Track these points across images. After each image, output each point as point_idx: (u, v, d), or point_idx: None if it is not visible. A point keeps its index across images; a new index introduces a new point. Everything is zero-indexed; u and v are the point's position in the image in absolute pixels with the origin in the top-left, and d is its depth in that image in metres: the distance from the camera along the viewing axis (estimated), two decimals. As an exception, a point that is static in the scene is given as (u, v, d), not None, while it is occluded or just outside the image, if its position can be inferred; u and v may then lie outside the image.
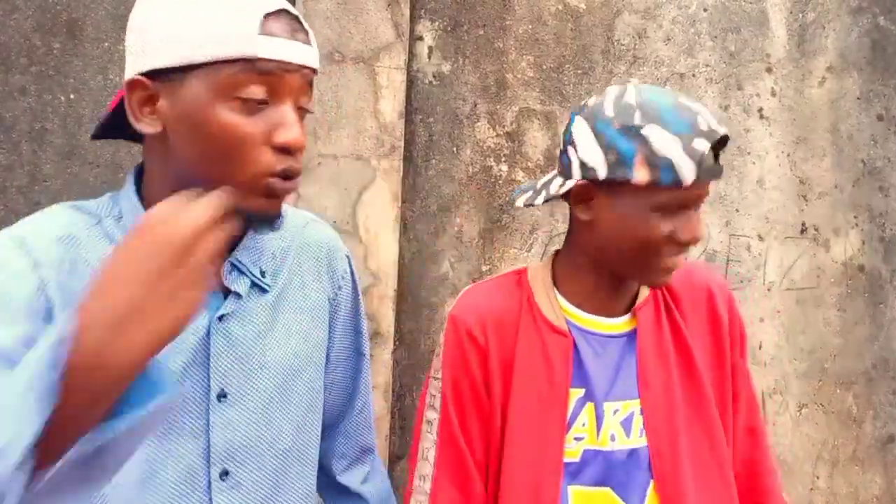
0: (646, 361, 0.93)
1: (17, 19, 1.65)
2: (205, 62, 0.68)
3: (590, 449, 0.91)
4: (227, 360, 0.80)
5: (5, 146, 1.64)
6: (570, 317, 0.95)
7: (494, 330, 0.95)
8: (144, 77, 0.70)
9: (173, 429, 0.76)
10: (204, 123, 0.69)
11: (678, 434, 0.91)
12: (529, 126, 1.91)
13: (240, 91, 0.69)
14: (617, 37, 1.95)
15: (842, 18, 2.08)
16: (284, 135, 0.71)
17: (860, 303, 2.08)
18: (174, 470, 0.76)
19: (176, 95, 0.70)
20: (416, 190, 1.85)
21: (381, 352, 1.74)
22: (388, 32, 1.76)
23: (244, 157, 0.70)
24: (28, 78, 1.66)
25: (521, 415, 0.92)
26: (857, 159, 2.08)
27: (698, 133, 0.83)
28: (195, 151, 0.70)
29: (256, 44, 0.69)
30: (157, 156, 0.74)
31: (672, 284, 0.98)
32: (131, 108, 0.71)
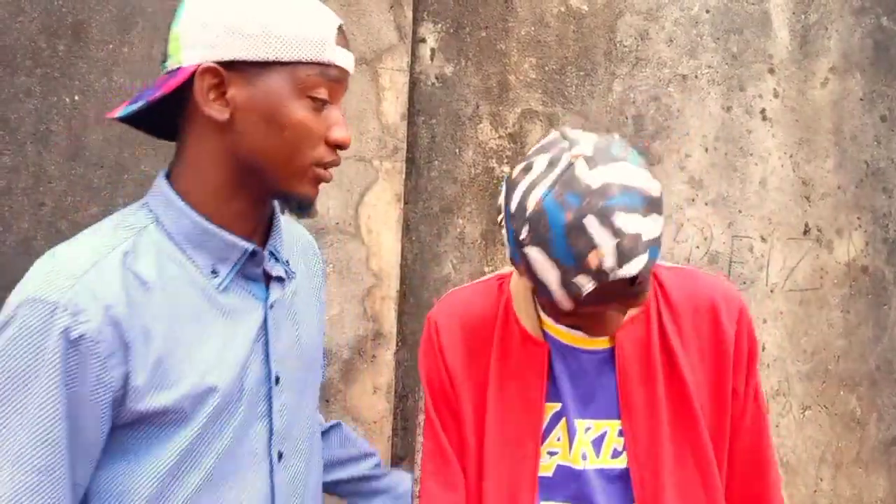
0: (628, 382, 0.89)
1: (22, 21, 1.67)
2: (289, 61, 0.76)
3: (563, 465, 0.89)
4: (279, 346, 0.85)
5: (10, 147, 1.65)
6: (548, 329, 0.92)
7: (467, 337, 0.93)
8: (218, 66, 0.75)
9: (243, 418, 0.80)
10: (279, 115, 0.76)
11: (662, 460, 0.87)
12: (532, 127, 1.91)
13: (312, 91, 0.77)
14: (619, 38, 1.95)
15: (844, 19, 2.08)
16: (340, 133, 0.80)
17: (863, 304, 2.08)
18: (245, 457, 0.80)
19: (252, 86, 0.76)
20: (419, 191, 1.86)
21: (383, 353, 1.74)
22: (391, 34, 1.76)
23: (306, 148, 0.78)
24: (33, 80, 1.67)
25: (497, 426, 0.90)
26: (861, 160, 2.08)
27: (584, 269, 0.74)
28: (265, 139, 0.77)
29: (333, 52, 0.78)
30: (211, 143, 0.78)
31: (672, 297, 0.92)
32: (202, 94, 0.76)
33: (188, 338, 0.76)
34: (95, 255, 0.74)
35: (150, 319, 0.74)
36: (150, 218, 0.80)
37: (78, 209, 1.66)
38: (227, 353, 0.79)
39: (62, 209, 1.66)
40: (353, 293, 1.73)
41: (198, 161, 0.79)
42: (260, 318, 0.83)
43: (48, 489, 0.69)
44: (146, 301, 0.75)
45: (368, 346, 1.74)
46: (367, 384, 1.74)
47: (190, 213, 0.79)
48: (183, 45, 0.77)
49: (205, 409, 0.76)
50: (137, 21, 1.71)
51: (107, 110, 1.70)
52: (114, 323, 0.72)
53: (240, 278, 0.82)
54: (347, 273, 1.72)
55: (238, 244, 0.81)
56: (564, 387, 0.90)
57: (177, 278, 0.78)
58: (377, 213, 1.74)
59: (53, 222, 1.65)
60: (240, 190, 0.80)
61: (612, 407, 0.89)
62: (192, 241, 0.79)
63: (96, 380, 0.71)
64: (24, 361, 0.69)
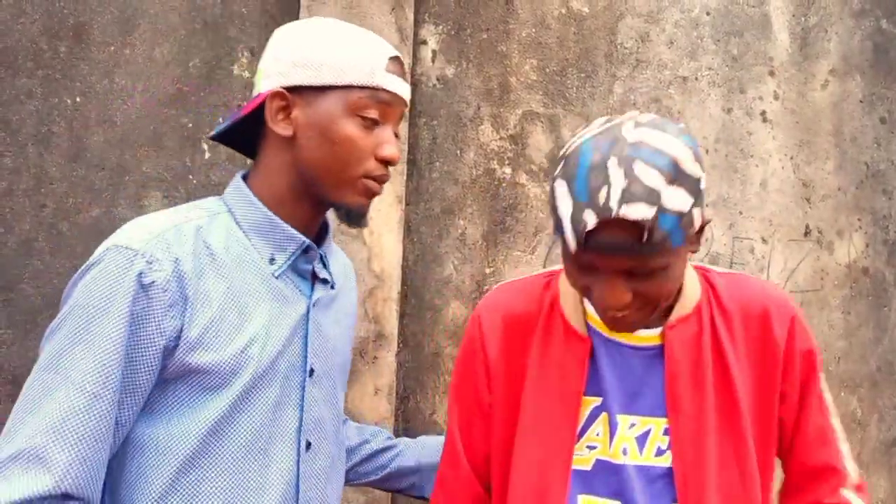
0: (676, 382, 0.88)
1: (23, 23, 1.67)
2: (342, 85, 0.89)
3: (602, 459, 0.89)
4: (317, 341, 0.94)
5: (12, 149, 1.65)
6: (593, 323, 0.92)
7: (508, 330, 0.95)
8: (285, 90, 0.90)
9: (278, 400, 0.88)
10: (333, 132, 0.89)
11: (706, 461, 0.87)
12: (533, 129, 1.91)
13: (363, 111, 0.90)
14: (620, 40, 1.96)
15: (844, 22, 2.09)
16: (389, 150, 0.91)
17: (864, 305, 2.08)
18: (275, 438, 0.88)
19: (311, 108, 0.90)
20: (420, 192, 1.86)
21: (384, 354, 1.74)
22: (392, 37, 1.77)
23: (357, 161, 0.90)
24: (34, 81, 1.67)
25: (532, 416, 0.91)
26: (861, 162, 2.09)
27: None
28: (321, 153, 0.90)
29: (382, 78, 0.91)
30: (279, 156, 0.92)
31: (724, 299, 0.92)
32: (271, 114, 0.90)
33: (240, 309, 0.86)
34: (175, 220, 0.87)
35: (212, 285, 0.85)
36: (223, 207, 0.93)
37: (79, 210, 1.66)
38: (271, 332, 0.88)
39: (63, 210, 1.66)
40: (354, 295, 1.73)
41: (269, 170, 0.93)
42: (303, 311, 0.93)
43: (95, 415, 0.77)
44: (211, 268, 0.86)
45: (370, 348, 1.74)
46: (368, 385, 1.74)
47: (260, 207, 0.92)
48: (263, 76, 0.92)
49: (243, 378, 0.84)
50: (139, 23, 1.71)
51: (108, 112, 1.70)
52: (179, 277, 0.82)
53: (291, 272, 0.93)
54: (349, 274, 1.73)
55: (296, 237, 0.92)
56: (608, 381, 0.89)
57: (240, 257, 0.89)
58: (379, 214, 1.74)
59: (55, 224, 1.65)
60: (301, 197, 0.93)
61: (658, 405, 0.89)
62: (257, 230, 0.91)
63: (156, 325, 0.81)
64: (99, 298, 0.79)
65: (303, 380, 0.91)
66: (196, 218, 0.89)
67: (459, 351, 1.00)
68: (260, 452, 0.86)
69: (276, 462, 0.87)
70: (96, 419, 0.77)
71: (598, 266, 0.80)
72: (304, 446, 0.90)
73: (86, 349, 0.78)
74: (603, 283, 0.80)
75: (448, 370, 1.86)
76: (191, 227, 0.87)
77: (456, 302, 1.86)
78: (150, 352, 0.81)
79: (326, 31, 0.90)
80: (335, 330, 0.99)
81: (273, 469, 0.86)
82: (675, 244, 0.78)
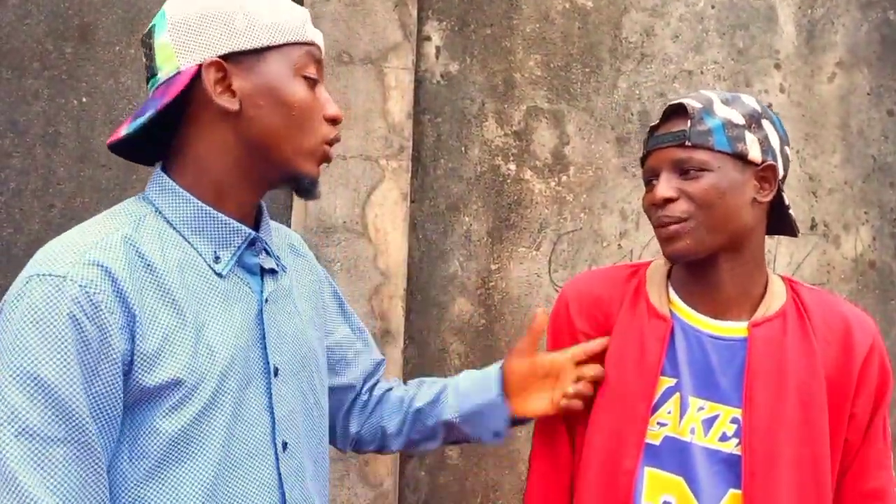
0: (756, 376, 0.91)
1: (29, 24, 1.68)
2: (280, 44, 0.81)
3: (670, 436, 0.94)
4: (276, 339, 0.87)
5: (20, 150, 1.67)
6: (676, 310, 0.97)
7: (588, 308, 1.02)
8: (221, 60, 0.80)
9: (245, 406, 0.82)
10: (285, 96, 0.81)
11: (779, 457, 0.89)
12: (537, 125, 1.91)
13: (305, 70, 0.83)
14: (624, 34, 1.95)
15: (851, 13, 2.07)
16: (334, 109, 0.85)
17: (871, 299, 2.07)
18: (247, 446, 0.81)
19: (254, 74, 0.81)
20: (425, 189, 1.86)
21: (391, 350, 1.75)
22: (396, 33, 1.77)
23: (314, 126, 0.83)
24: (41, 82, 1.68)
25: (611, 389, 0.96)
26: (868, 155, 2.08)
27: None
28: (276, 121, 0.81)
29: (313, 31, 0.85)
30: (216, 136, 0.81)
31: (809, 309, 0.96)
32: (210, 87, 0.79)
33: (191, 319, 0.78)
34: (97, 235, 0.76)
35: (156, 299, 0.76)
36: (149, 208, 0.82)
37: (87, 210, 1.67)
38: (226, 340, 0.80)
39: (71, 210, 1.68)
40: (360, 292, 1.73)
41: (203, 153, 0.82)
42: (255, 310, 0.85)
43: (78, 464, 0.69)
44: (151, 281, 0.76)
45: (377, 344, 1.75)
46: (375, 382, 1.75)
47: (192, 200, 0.81)
48: (177, 52, 0.80)
49: (203, 392, 0.77)
50: (144, 22, 1.71)
51: (114, 111, 1.71)
52: (121, 296, 0.73)
53: (237, 268, 0.85)
54: (355, 272, 1.73)
55: (241, 229, 0.84)
56: (683, 364, 0.94)
57: (180, 263, 0.80)
58: (384, 211, 1.75)
59: (63, 223, 1.66)
60: (241, 181, 0.83)
61: (731, 394, 0.93)
62: (193, 228, 0.81)
63: (109, 350, 0.72)
64: (35, 340, 0.69)
65: (268, 381, 0.84)
66: (120, 226, 0.78)
67: (548, 328, 1.07)
68: (235, 463, 0.80)
69: (255, 469, 0.81)
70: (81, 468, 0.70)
71: (657, 165, 0.94)
72: (281, 447, 0.84)
73: (44, 394, 0.68)
74: (657, 183, 0.93)
75: (454, 366, 1.87)
76: (117, 238, 0.76)
77: (461, 298, 1.87)
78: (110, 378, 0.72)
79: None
80: (295, 320, 0.91)
81: (253, 476, 0.81)
82: (719, 145, 0.92)
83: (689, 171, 0.92)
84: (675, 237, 0.92)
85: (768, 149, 0.94)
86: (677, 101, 0.95)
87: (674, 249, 0.92)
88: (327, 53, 1.75)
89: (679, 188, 0.92)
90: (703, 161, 0.91)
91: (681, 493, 0.92)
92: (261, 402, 0.83)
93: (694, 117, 0.92)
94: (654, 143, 0.96)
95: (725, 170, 0.92)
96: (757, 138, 0.93)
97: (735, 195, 0.92)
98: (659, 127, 0.97)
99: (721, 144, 0.92)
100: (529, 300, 1.87)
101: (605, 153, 1.93)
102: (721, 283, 0.95)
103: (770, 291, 0.97)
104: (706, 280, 0.96)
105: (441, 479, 1.85)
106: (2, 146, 1.66)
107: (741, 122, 0.93)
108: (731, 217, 0.92)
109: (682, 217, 0.91)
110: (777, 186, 0.95)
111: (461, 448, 1.86)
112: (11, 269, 1.61)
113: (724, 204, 0.91)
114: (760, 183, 0.94)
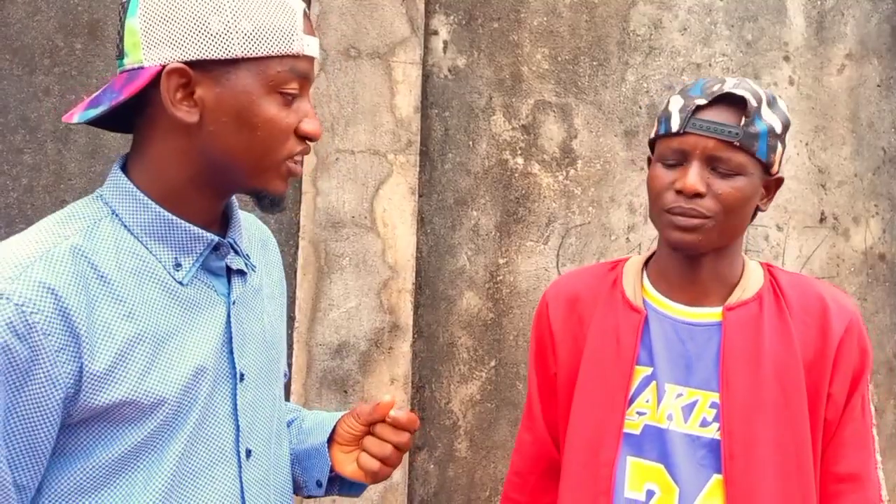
0: (732, 359, 0.92)
1: (39, 21, 1.69)
2: (258, 56, 0.73)
3: (650, 424, 0.94)
4: (243, 342, 0.82)
5: (31, 146, 1.68)
6: (649, 299, 0.98)
7: (565, 309, 1.03)
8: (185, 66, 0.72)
9: (210, 413, 0.78)
10: (251, 114, 0.74)
11: (758, 439, 0.90)
12: (545, 118, 1.91)
13: (284, 86, 0.75)
14: (632, 27, 1.94)
15: (861, 5, 2.05)
16: (311, 125, 0.78)
17: (881, 292, 2.07)
18: (209, 453, 0.78)
19: (220, 86, 0.73)
20: (433, 184, 1.87)
21: (399, 344, 1.76)
22: (404, 27, 1.77)
23: (280, 144, 0.76)
24: (51, 78, 1.69)
25: (589, 382, 0.97)
26: (878, 147, 2.06)
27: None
28: (237, 139, 0.75)
29: (302, 42, 0.75)
30: (175, 143, 0.75)
31: (785, 291, 0.95)
32: (169, 96, 0.72)
33: (151, 333, 0.74)
34: (42, 246, 0.70)
35: (110, 313, 0.71)
36: (104, 211, 0.76)
37: (98, 206, 1.69)
38: (189, 350, 0.76)
39: (82, 206, 1.69)
40: (369, 286, 1.74)
41: (160, 159, 0.77)
42: (223, 314, 0.80)
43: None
44: (104, 294, 0.72)
45: (385, 338, 1.76)
46: (384, 375, 1.76)
47: (151, 205, 0.76)
48: (143, 43, 0.73)
49: (164, 406, 0.73)
50: (152, 18, 1.72)
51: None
52: (64, 315, 0.68)
53: (202, 273, 0.80)
54: (364, 266, 1.74)
55: (203, 235, 0.78)
56: (658, 352, 0.95)
57: (137, 272, 0.75)
58: (392, 206, 1.75)
59: (74, 219, 1.68)
60: (205, 187, 0.78)
61: (708, 379, 0.93)
62: (152, 234, 0.76)
63: (45, 376, 0.67)
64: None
65: (233, 387, 0.80)
66: (70, 234, 0.72)
67: (532, 327, 1.10)
68: (195, 471, 0.76)
69: (216, 478, 0.78)
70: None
71: (691, 149, 0.89)
72: (245, 454, 0.81)
73: None
74: (687, 169, 0.89)
75: (462, 359, 1.88)
76: (64, 249, 0.71)
77: (469, 292, 1.87)
78: (43, 406, 0.67)
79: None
80: (262, 323, 0.86)
81: (214, 485, 0.78)
82: (760, 153, 0.89)
83: (720, 169, 0.89)
84: (690, 230, 0.90)
85: (782, 160, 0.94)
86: (736, 91, 0.89)
87: (682, 240, 0.90)
88: (335, 48, 1.76)
89: (710, 183, 0.89)
90: (742, 165, 0.88)
91: (662, 480, 0.92)
92: (226, 408, 0.79)
93: (750, 116, 0.88)
94: (698, 126, 0.89)
95: (754, 177, 0.90)
96: (783, 149, 0.93)
97: (752, 202, 0.92)
98: (705, 109, 0.89)
99: (761, 152, 0.89)
100: (537, 294, 1.88)
101: (613, 146, 1.93)
102: (701, 274, 0.95)
103: (746, 276, 0.97)
104: (689, 271, 0.96)
105: (450, 472, 1.86)
106: (14, 142, 1.68)
107: (779, 131, 0.91)
108: (742, 222, 0.93)
109: (705, 214, 0.89)
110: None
111: (470, 441, 1.87)
112: (24, 265, 1.63)
113: (743, 210, 0.91)
114: (766, 191, 0.94)
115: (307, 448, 0.95)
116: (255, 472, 0.82)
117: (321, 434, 0.94)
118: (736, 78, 0.93)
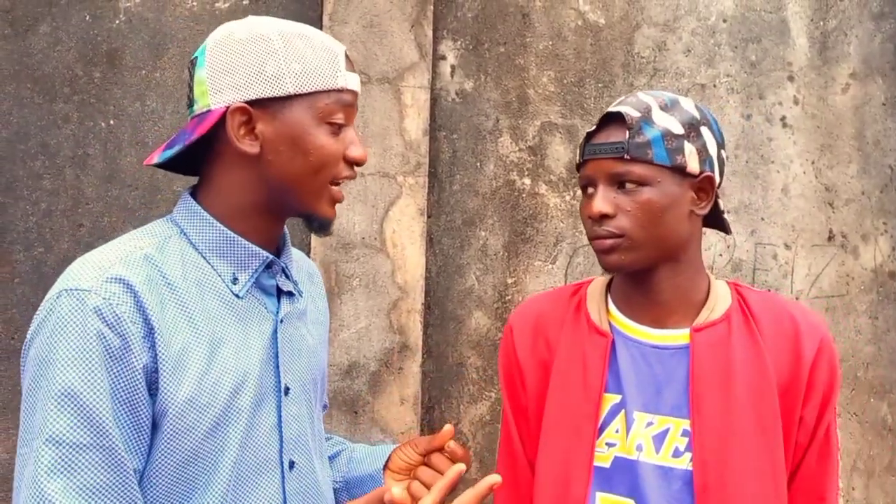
0: (701, 383, 0.88)
1: (59, 51, 1.74)
2: (307, 92, 0.84)
3: (620, 456, 0.90)
4: (289, 358, 0.90)
5: (50, 172, 1.73)
6: (616, 322, 0.95)
7: (536, 335, 1.00)
8: (247, 105, 0.83)
9: (256, 423, 0.84)
10: (304, 142, 0.85)
11: (731, 466, 0.86)
12: (551, 140, 1.94)
13: (331, 117, 0.86)
14: (637, 50, 1.97)
15: (864, 24, 2.08)
16: (357, 151, 0.88)
17: (892, 309, 2.06)
18: (255, 462, 0.84)
19: (277, 120, 0.84)
20: (442, 205, 1.89)
21: (409, 364, 1.77)
22: (412, 53, 1.81)
23: (330, 169, 0.87)
24: (71, 106, 1.74)
25: (556, 412, 0.94)
26: (885, 165, 2.07)
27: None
28: (294, 167, 0.85)
29: (345, 78, 0.87)
30: (240, 173, 0.86)
31: (754, 311, 0.93)
32: (234, 132, 0.83)
33: (208, 338, 0.81)
34: (120, 253, 0.81)
35: (175, 315, 0.80)
36: (174, 230, 0.87)
37: (115, 229, 1.72)
38: (241, 359, 0.84)
39: (99, 229, 1.73)
40: (379, 306, 1.76)
41: (227, 188, 0.87)
42: (271, 329, 0.88)
43: (102, 465, 0.73)
44: (171, 299, 0.80)
45: (395, 359, 1.77)
46: (394, 395, 1.77)
47: (216, 224, 0.86)
48: (210, 90, 0.84)
49: (216, 409, 0.80)
50: (168, 47, 1.77)
51: (140, 133, 1.76)
52: (141, 309, 0.77)
53: (255, 289, 0.88)
54: (374, 287, 1.76)
55: (259, 253, 0.88)
56: (627, 378, 0.91)
57: (199, 283, 0.84)
58: (401, 227, 1.78)
59: (91, 243, 1.71)
60: (264, 210, 0.88)
61: (679, 405, 0.89)
62: (215, 250, 0.86)
63: (137, 360, 0.76)
64: (66, 350, 0.74)
65: (278, 399, 0.87)
66: (145, 246, 0.82)
67: (499, 361, 1.06)
68: (242, 481, 0.82)
69: (261, 487, 0.84)
70: (107, 472, 0.73)
71: (593, 175, 0.91)
72: (288, 466, 0.87)
73: (71, 407, 0.73)
74: (594, 195, 0.91)
75: (472, 379, 1.88)
76: (139, 256, 0.81)
77: (478, 312, 1.89)
78: (141, 392, 0.76)
79: (275, 35, 0.84)
80: (308, 342, 0.94)
81: (259, 495, 0.84)
82: (658, 159, 0.89)
83: (626, 185, 0.89)
84: (609, 251, 0.90)
85: (706, 158, 0.91)
86: (615, 109, 0.91)
87: (608, 262, 0.90)
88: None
89: (616, 203, 0.89)
90: (642, 175, 0.88)
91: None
92: (271, 420, 0.86)
93: (633, 128, 0.89)
94: (590, 151, 0.92)
95: (664, 184, 0.89)
96: (695, 148, 0.90)
97: (673, 209, 0.89)
98: (596, 134, 0.92)
99: (660, 158, 0.88)
100: (546, 313, 1.88)
101: (620, 167, 1.94)
102: (660, 292, 0.93)
103: (713, 296, 0.94)
104: (645, 289, 0.93)
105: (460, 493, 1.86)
106: (33, 168, 1.73)
107: (680, 131, 0.90)
108: (669, 232, 0.90)
109: (618, 233, 0.89)
110: (714, 196, 0.93)
111: (480, 462, 1.86)
112: (42, 287, 1.66)
113: (661, 220, 0.89)
114: (698, 194, 0.91)
115: (360, 475, 1.02)
116: (297, 484, 0.88)
117: (377, 461, 1.01)
118: (633, 96, 0.94)
